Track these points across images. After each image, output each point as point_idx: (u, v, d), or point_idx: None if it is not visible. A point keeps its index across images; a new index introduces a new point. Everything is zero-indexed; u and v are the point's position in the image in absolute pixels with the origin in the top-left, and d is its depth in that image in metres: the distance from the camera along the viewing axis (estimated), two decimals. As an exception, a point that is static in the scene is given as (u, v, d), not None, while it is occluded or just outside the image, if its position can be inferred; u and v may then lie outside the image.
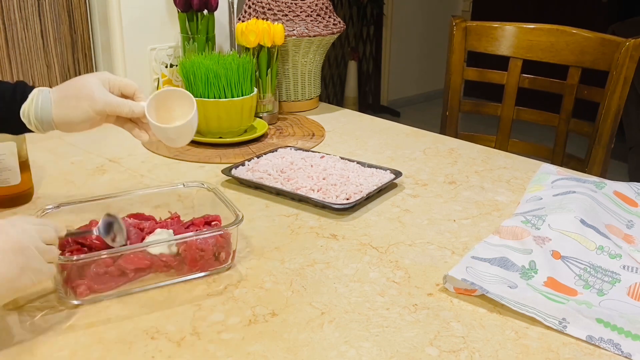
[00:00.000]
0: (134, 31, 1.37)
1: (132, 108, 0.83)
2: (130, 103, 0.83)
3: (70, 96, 0.81)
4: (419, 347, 0.65)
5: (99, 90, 0.81)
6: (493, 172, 1.13)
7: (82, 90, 0.81)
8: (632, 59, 1.30)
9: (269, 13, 1.41)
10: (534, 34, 1.45)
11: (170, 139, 0.86)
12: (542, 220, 0.85)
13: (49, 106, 0.81)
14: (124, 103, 0.83)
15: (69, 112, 0.81)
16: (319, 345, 0.65)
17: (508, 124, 1.51)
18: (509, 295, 0.71)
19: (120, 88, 0.84)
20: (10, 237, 0.61)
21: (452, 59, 1.54)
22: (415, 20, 4.60)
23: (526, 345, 0.65)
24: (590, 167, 1.36)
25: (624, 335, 0.66)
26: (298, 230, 0.90)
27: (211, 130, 1.23)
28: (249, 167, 1.07)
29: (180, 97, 0.87)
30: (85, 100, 0.81)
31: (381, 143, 1.28)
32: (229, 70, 1.20)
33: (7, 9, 1.30)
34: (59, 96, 0.82)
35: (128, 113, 0.83)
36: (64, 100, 0.81)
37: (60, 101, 0.81)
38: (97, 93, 0.81)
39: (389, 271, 0.79)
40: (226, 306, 0.71)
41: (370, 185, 1.00)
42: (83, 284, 0.71)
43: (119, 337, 0.66)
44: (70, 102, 0.81)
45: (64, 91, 0.82)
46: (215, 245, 0.77)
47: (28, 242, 0.62)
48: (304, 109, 1.50)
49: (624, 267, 0.78)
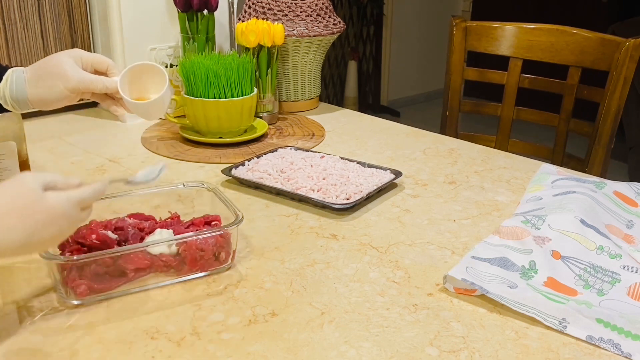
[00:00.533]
0: (134, 31, 1.37)
1: (106, 84, 0.84)
2: (104, 79, 0.84)
3: (43, 76, 0.82)
4: (419, 347, 0.65)
5: (72, 69, 0.82)
6: (493, 172, 1.13)
7: (55, 69, 0.82)
8: (632, 59, 1.30)
9: (269, 13, 1.41)
10: (534, 34, 1.45)
11: (143, 114, 0.90)
12: (542, 220, 0.85)
13: (24, 86, 0.82)
14: (97, 79, 0.84)
15: (43, 92, 0.83)
16: (319, 345, 0.65)
17: (508, 124, 1.51)
18: (509, 295, 0.71)
19: (93, 64, 0.85)
20: (52, 206, 0.62)
21: (452, 59, 1.54)
22: (415, 20, 4.60)
23: (526, 345, 0.65)
24: (590, 167, 1.37)
25: (624, 335, 0.66)
26: (298, 230, 0.90)
27: (211, 130, 1.23)
28: (249, 167, 1.07)
29: (152, 71, 0.90)
30: (58, 79, 0.82)
31: (381, 143, 1.28)
32: (229, 70, 1.20)
33: (7, 9, 1.30)
34: (33, 76, 0.83)
35: (102, 89, 0.84)
36: (38, 81, 0.82)
37: (34, 81, 0.82)
38: (70, 71, 0.82)
39: (389, 271, 0.79)
40: (226, 306, 0.71)
41: (370, 185, 1.00)
42: (83, 284, 0.71)
43: (119, 337, 0.66)
44: (44, 82, 0.82)
45: (38, 71, 0.83)
46: (215, 245, 0.77)
47: (72, 212, 0.64)
48: (304, 109, 1.50)
49: (624, 267, 0.78)
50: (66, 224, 0.64)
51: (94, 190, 0.68)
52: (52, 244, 0.66)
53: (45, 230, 0.62)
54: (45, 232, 0.62)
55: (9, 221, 0.60)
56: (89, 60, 0.85)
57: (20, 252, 0.61)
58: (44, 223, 0.62)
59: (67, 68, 0.82)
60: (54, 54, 0.85)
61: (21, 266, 0.78)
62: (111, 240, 0.77)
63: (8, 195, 0.61)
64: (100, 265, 0.72)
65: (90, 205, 0.68)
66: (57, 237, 0.64)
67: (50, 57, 0.84)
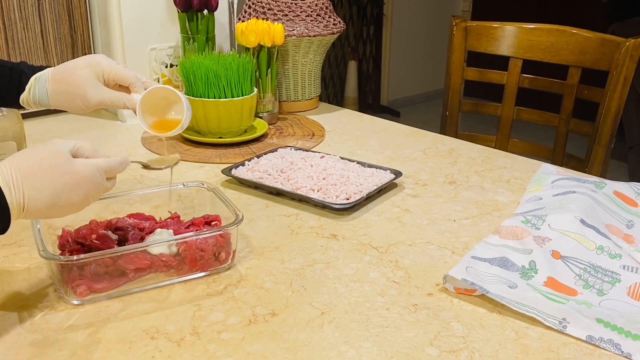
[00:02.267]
0: (134, 31, 1.37)
1: (126, 104, 0.84)
2: (125, 99, 0.84)
3: (64, 92, 0.84)
4: (419, 347, 0.65)
5: (93, 89, 0.83)
6: (493, 172, 1.13)
7: (75, 89, 0.83)
8: (632, 59, 1.30)
9: (269, 13, 1.41)
10: (534, 34, 1.45)
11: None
12: (542, 220, 0.85)
13: (46, 97, 0.84)
14: (118, 100, 0.84)
15: (64, 105, 0.85)
16: (319, 345, 0.65)
17: (508, 124, 1.51)
18: (509, 295, 0.71)
19: (116, 80, 0.85)
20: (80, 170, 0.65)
21: (452, 59, 1.54)
22: (415, 21, 4.60)
23: (526, 345, 0.65)
24: (590, 167, 1.36)
25: (624, 335, 0.66)
26: (298, 230, 0.90)
27: (211, 130, 1.23)
28: (249, 167, 1.07)
29: (173, 96, 0.86)
30: (78, 99, 0.83)
31: (381, 143, 1.28)
32: (229, 70, 1.20)
33: (7, 9, 1.30)
34: (54, 90, 0.84)
35: (122, 108, 0.85)
36: (59, 95, 0.84)
37: (55, 95, 0.84)
38: (90, 92, 0.82)
39: (389, 271, 0.79)
40: (226, 306, 0.71)
41: (370, 185, 1.00)
42: (83, 284, 0.71)
43: (119, 337, 0.66)
44: (65, 97, 0.84)
45: (59, 85, 0.84)
46: (215, 245, 0.77)
47: (98, 178, 0.67)
48: (304, 109, 1.50)
49: (624, 267, 0.78)
50: (92, 188, 0.67)
51: (120, 161, 0.71)
52: (77, 208, 0.67)
53: (72, 193, 0.64)
54: (72, 194, 0.64)
55: (38, 180, 0.62)
56: (111, 76, 0.84)
57: (47, 212, 0.64)
58: (71, 185, 0.64)
59: (88, 88, 0.82)
60: (76, 65, 0.84)
61: (21, 266, 0.79)
62: (111, 240, 0.77)
63: (38, 156, 0.64)
64: (100, 265, 0.72)
65: (114, 175, 0.71)
66: (82, 201, 0.66)
67: (71, 70, 0.83)
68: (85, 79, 0.82)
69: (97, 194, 0.68)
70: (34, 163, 0.63)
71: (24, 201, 0.61)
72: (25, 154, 0.64)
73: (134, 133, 1.31)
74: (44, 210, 0.63)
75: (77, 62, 0.84)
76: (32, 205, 0.62)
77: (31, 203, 0.62)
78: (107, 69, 0.84)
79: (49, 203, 0.63)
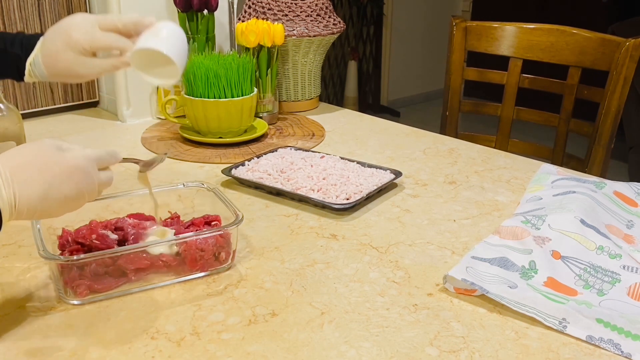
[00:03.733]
0: (134, 31, 1.37)
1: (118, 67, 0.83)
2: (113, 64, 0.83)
3: (59, 75, 0.84)
4: (419, 347, 0.65)
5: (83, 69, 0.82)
6: (493, 172, 1.13)
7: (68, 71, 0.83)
8: (632, 59, 1.30)
9: (269, 13, 1.41)
10: (534, 34, 1.45)
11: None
12: (542, 220, 0.85)
13: (46, 77, 0.85)
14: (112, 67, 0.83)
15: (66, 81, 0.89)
16: (319, 345, 0.65)
17: (508, 124, 1.51)
18: (509, 295, 0.71)
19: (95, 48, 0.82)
20: (69, 160, 0.64)
21: (452, 59, 1.54)
22: (415, 20, 4.60)
23: (526, 345, 0.65)
24: (590, 167, 1.37)
25: (624, 335, 0.66)
26: (298, 230, 0.90)
27: (211, 130, 1.23)
28: (249, 167, 1.07)
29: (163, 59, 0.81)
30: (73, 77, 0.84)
31: (381, 143, 1.28)
32: (229, 70, 1.20)
33: (7, 9, 1.30)
34: (51, 74, 0.84)
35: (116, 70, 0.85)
36: (56, 77, 0.85)
37: (53, 77, 0.85)
38: (82, 71, 0.82)
39: (389, 271, 0.79)
40: (226, 306, 0.71)
41: (370, 185, 1.00)
42: (83, 284, 0.71)
43: (119, 337, 0.66)
44: (62, 78, 0.85)
45: (53, 69, 0.84)
46: (215, 245, 0.77)
47: (89, 168, 0.66)
48: (304, 109, 1.50)
49: (624, 267, 0.78)
50: (84, 179, 0.65)
51: (110, 152, 0.70)
52: (72, 203, 0.65)
53: (63, 184, 0.63)
54: (63, 186, 0.63)
55: (26, 173, 0.61)
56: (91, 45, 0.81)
57: (41, 208, 0.62)
58: (62, 176, 0.63)
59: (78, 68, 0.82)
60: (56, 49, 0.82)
61: (21, 266, 0.79)
62: (111, 240, 0.77)
63: (27, 152, 0.64)
64: (100, 265, 0.72)
65: (108, 166, 0.70)
66: (76, 194, 0.64)
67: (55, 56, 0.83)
68: (71, 62, 0.82)
69: (90, 186, 0.66)
70: (21, 158, 0.62)
71: (15, 198, 0.60)
72: (12, 151, 0.64)
73: (134, 133, 1.31)
74: (37, 206, 0.61)
75: (57, 45, 0.82)
76: (23, 201, 0.60)
77: (22, 199, 0.60)
78: (84, 43, 0.81)
79: (40, 196, 0.61)
